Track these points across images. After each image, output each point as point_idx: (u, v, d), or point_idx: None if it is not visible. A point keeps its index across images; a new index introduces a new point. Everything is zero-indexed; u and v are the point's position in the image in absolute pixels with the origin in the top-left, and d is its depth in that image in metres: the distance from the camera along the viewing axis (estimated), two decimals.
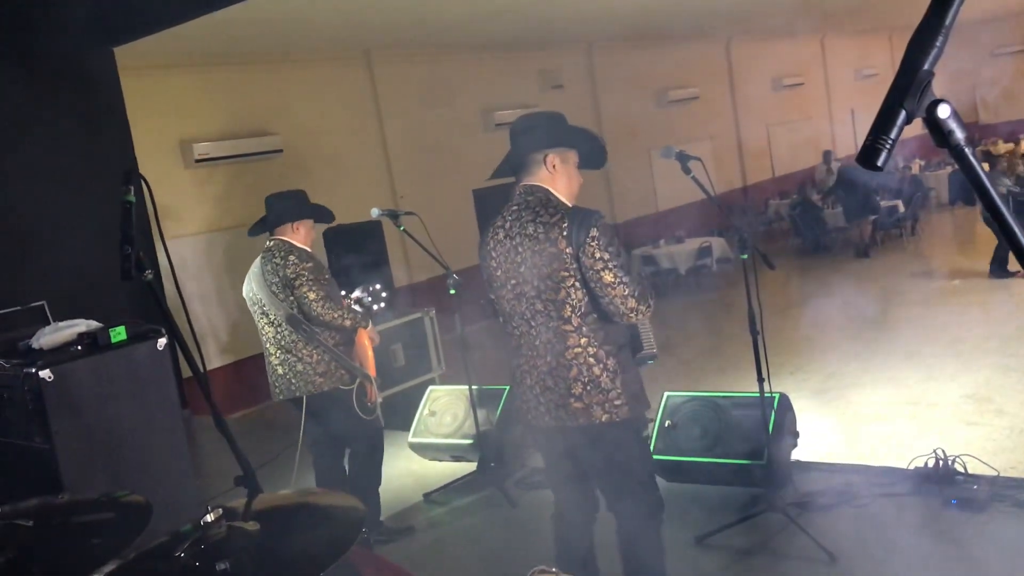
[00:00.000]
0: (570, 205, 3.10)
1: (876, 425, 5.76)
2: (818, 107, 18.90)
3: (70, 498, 2.49)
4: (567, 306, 2.98)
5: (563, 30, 11.89)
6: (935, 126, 0.99)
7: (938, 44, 0.98)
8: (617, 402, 3.00)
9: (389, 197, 10.52)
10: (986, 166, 14.91)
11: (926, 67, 0.98)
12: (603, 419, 3.00)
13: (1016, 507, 4.11)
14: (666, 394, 5.02)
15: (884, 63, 19.88)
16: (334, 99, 10.24)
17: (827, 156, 16.53)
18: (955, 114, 0.99)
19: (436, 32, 10.14)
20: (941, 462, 4.45)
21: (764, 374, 4.26)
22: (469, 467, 5.57)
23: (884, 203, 13.19)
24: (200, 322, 8.75)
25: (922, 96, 0.98)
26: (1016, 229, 1.03)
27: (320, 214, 4.71)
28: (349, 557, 1.99)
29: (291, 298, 4.44)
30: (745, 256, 4.16)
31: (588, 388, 2.99)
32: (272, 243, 4.57)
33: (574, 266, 2.94)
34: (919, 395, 6.22)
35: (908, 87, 0.98)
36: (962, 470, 4.40)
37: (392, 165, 10.78)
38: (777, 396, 4.62)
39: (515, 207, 3.12)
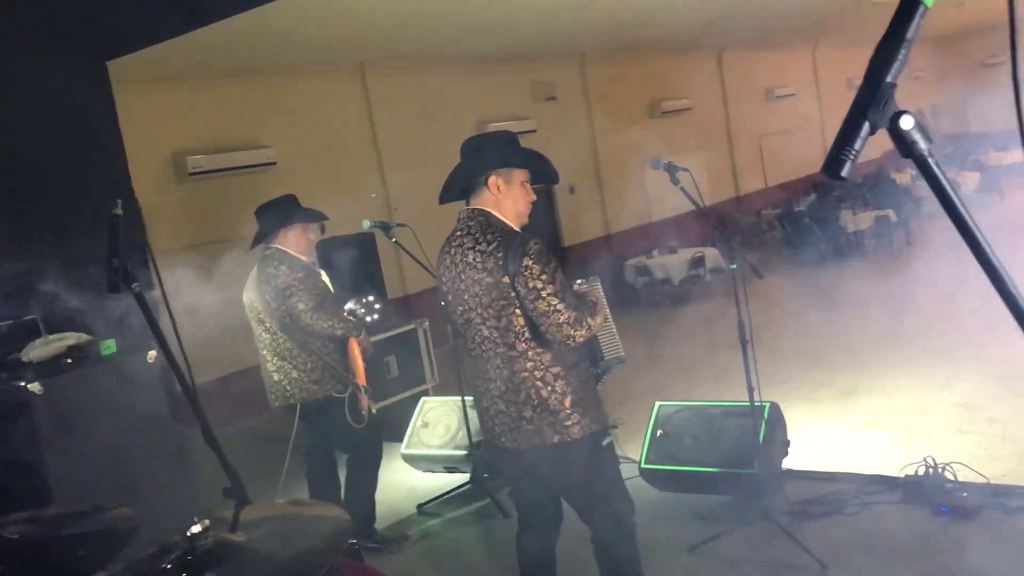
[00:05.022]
0: (516, 227, 3.09)
1: (868, 433, 5.76)
2: (810, 118, 18.96)
3: (59, 510, 2.49)
4: (511, 332, 3.00)
5: (556, 42, 11.93)
6: (899, 137, 1.01)
7: (900, 56, 1.00)
8: (567, 423, 3.01)
9: (384, 209, 10.52)
10: (976, 175, 14.75)
11: (888, 79, 1.00)
12: (555, 440, 3.01)
13: (1006, 514, 4.12)
14: (658, 404, 5.04)
15: None
16: (328, 111, 10.25)
17: None
18: (919, 125, 1.01)
19: (430, 44, 10.18)
20: (931, 470, 4.46)
21: (754, 383, 4.29)
22: (462, 478, 5.57)
23: (876, 213, 13.23)
24: (194, 335, 8.68)
25: (885, 107, 1.00)
26: (981, 239, 1.05)
27: (308, 216, 4.70)
28: (337, 567, 1.99)
29: (283, 307, 4.48)
30: (734, 266, 4.18)
31: (538, 411, 3.00)
32: (269, 252, 4.62)
33: (512, 294, 2.95)
34: (911, 403, 6.22)
35: (872, 99, 1.00)
36: (952, 478, 4.41)
37: (386, 177, 10.79)
38: (768, 405, 4.64)
39: (459, 233, 3.13)
